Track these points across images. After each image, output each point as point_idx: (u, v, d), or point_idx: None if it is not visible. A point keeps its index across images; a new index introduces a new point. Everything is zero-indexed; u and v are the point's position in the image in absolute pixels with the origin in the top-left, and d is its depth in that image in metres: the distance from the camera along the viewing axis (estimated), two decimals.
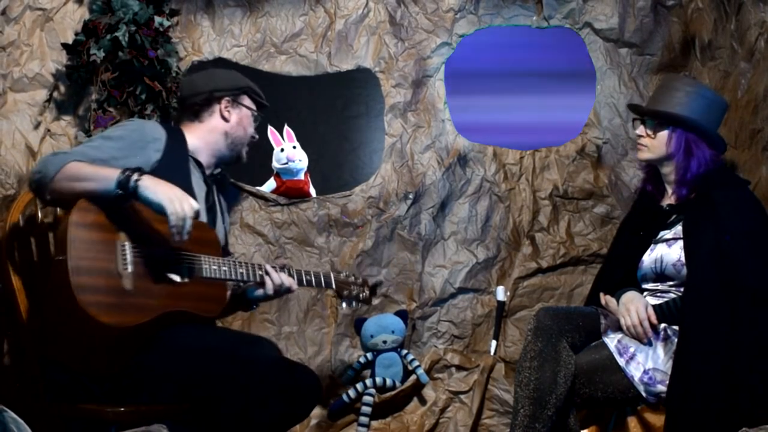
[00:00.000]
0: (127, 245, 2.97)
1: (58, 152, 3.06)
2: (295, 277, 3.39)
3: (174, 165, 3.21)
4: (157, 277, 3.02)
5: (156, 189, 2.92)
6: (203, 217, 3.27)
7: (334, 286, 3.55)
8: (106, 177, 2.93)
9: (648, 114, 3.56)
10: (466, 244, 4.24)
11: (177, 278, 3.09)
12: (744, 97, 3.95)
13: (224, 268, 3.18)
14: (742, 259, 3.26)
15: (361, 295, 3.62)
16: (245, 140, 3.47)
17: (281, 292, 3.35)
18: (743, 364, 3.14)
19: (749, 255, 3.27)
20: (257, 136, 3.55)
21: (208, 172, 3.41)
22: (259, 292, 3.34)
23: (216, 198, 3.44)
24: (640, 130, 3.54)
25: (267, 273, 3.31)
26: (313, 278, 3.47)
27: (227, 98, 3.42)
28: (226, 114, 3.41)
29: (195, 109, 3.43)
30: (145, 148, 3.15)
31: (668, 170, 3.51)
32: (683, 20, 4.27)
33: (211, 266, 3.14)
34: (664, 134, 3.49)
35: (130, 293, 2.92)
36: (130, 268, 2.95)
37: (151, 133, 3.21)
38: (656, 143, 3.50)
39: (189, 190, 3.19)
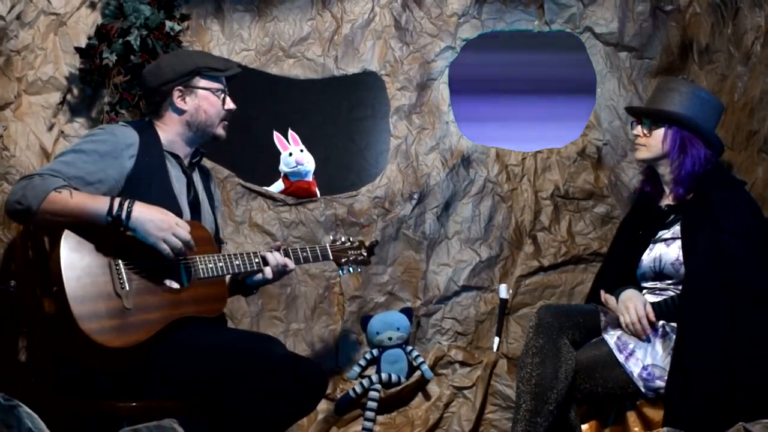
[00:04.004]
0: (121, 263, 2.96)
1: (33, 175, 2.95)
2: (292, 256, 3.36)
3: (150, 166, 3.14)
4: (155, 288, 3.01)
5: (145, 229, 2.94)
6: (186, 211, 3.22)
7: (331, 257, 3.51)
8: (94, 213, 2.91)
9: (644, 114, 3.59)
10: (469, 243, 4.24)
11: (175, 285, 3.08)
12: (740, 99, 3.98)
13: (220, 264, 3.15)
14: (740, 258, 3.27)
15: (359, 258, 3.59)
16: (214, 121, 3.29)
17: (280, 273, 3.33)
18: (740, 361, 3.17)
19: (746, 254, 3.29)
20: (234, 107, 3.33)
21: (186, 161, 3.31)
22: (258, 277, 3.32)
23: (197, 187, 3.36)
24: (637, 130, 3.57)
25: (264, 258, 3.28)
26: (309, 254, 3.43)
27: (178, 87, 3.24)
28: (180, 104, 3.24)
29: (152, 108, 3.30)
30: (118, 157, 3.07)
31: (665, 170, 3.53)
32: (681, 24, 4.26)
33: (207, 265, 3.12)
34: (659, 132, 3.50)
35: (131, 312, 2.92)
36: (127, 286, 2.94)
37: (123, 140, 3.11)
38: (652, 142, 3.52)
39: (168, 189, 3.18)
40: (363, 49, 4.25)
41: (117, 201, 2.93)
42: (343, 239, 3.61)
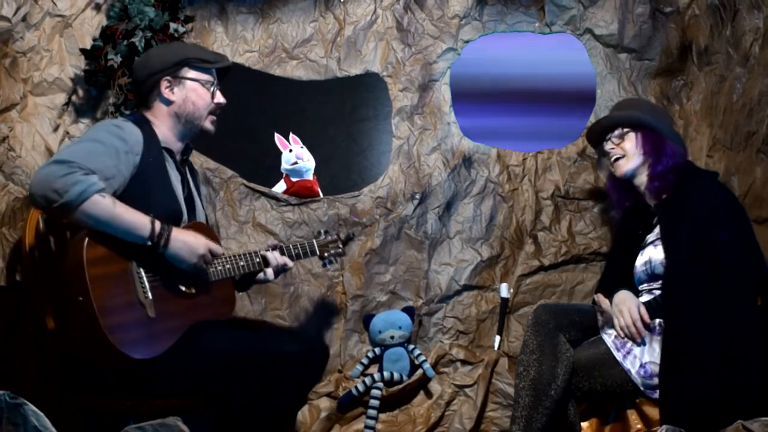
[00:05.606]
0: (142, 271, 2.97)
1: (73, 167, 2.84)
2: (287, 254, 3.43)
3: (152, 164, 3.14)
4: (173, 295, 3.04)
5: (180, 256, 3.00)
6: (182, 207, 3.24)
7: (318, 252, 3.58)
8: (132, 230, 2.92)
9: (611, 125, 3.64)
10: (470, 242, 4.25)
11: (192, 290, 3.11)
12: (739, 100, 3.98)
13: (228, 266, 3.20)
14: (720, 237, 3.25)
15: (338, 251, 3.67)
16: (202, 113, 3.28)
17: (280, 272, 3.41)
18: (731, 357, 3.14)
19: (726, 233, 3.27)
20: (223, 101, 3.33)
21: (179, 157, 3.31)
22: (260, 276, 3.40)
23: (190, 183, 3.38)
24: (609, 145, 3.64)
25: (264, 258, 3.33)
26: (300, 251, 3.51)
27: (166, 78, 3.23)
28: (168, 95, 3.23)
29: (141, 99, 3.29)
30: (129, 153, 3.05)
31: (642, 179, 3.59)
32: (681, 26, 4.28)
33: (216, 268, 3.16)
34: (631, 139, 3.58)
35: (154, 321, 2.93)
36: (150, 295, 2.95)
37: (132, 137, 3.09)
38: (629, 149, 3.57)
39: (168, 187, 3.19)
40: (365, 50, 4.28)
41: (158, 226, 2.95)
42: (325, 235, 3.68)
